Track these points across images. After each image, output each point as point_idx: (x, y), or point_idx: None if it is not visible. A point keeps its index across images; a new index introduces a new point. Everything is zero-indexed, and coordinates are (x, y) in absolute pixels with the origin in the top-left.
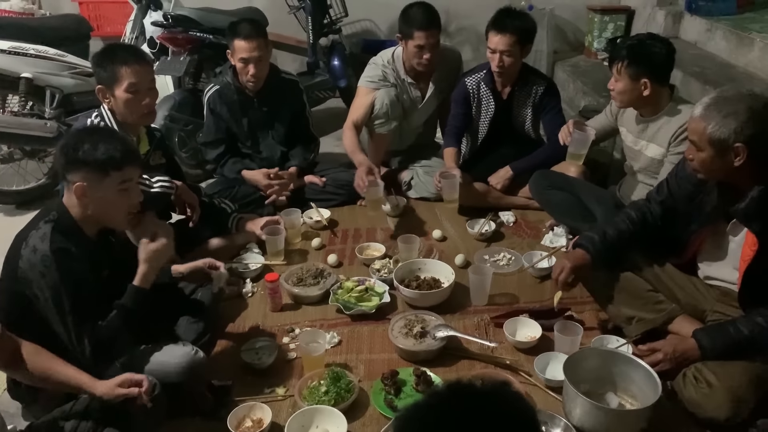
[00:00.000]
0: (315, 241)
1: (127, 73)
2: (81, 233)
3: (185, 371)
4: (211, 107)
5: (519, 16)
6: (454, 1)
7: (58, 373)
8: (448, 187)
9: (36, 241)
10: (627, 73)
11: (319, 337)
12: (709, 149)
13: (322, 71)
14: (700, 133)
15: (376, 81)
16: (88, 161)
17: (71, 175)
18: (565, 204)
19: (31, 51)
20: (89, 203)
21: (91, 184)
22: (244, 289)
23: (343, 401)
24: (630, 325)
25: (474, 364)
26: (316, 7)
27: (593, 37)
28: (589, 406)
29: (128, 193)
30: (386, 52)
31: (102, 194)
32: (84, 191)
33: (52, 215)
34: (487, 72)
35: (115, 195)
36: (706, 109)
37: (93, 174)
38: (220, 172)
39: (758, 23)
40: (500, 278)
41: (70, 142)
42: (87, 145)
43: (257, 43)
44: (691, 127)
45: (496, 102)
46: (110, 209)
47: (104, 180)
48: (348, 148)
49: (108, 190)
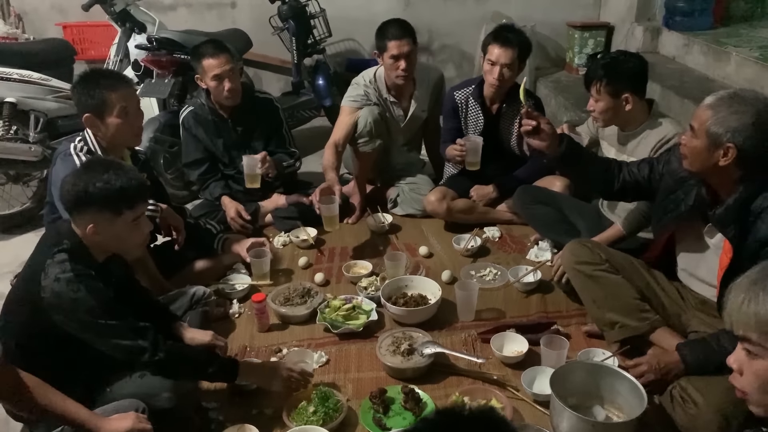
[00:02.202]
0: (302, 260)
1: (117, 97)
2: (92, 259)
3: (173, 397)
4: (186, 127)
5: (519, 32)
6: (436, 20)
7: (61, 408)
8: (472, 150)
9: (56, 270)
10: (607, 91)
11: (306, 356)
12: (703, 139)
13: (307, 91)
14: (702, 120)
15: (359, 100)
16: (102, 203)
17: (81, 215)
18: (549, 218)
19: (14, 75)
20: (101, 239)
21: (103, 224)
22: (231, 310)
23: (331, 421)
24: (612, 330)
25: (462, 380)
26: (299, 28)
27: (574, 53)
28: (576, 420)
29: (140, 226)
30: (368, 71)
31: (115, 232)
32: (95, 231)
33: (66, 244)
34: (476, 87)
35: (127, 231)
36: (719, 100)
37: (105, 214)
38: (203, 194)
39: (734, 38)
40: (487, 293)
41: (78, 184)
42: (100, 184)
43: (225, 57)
44: (697, 112)
45: (485, 117)
46: (123, 243)
47: (116, 219)
48: (324, 165)
49: (120, 227)
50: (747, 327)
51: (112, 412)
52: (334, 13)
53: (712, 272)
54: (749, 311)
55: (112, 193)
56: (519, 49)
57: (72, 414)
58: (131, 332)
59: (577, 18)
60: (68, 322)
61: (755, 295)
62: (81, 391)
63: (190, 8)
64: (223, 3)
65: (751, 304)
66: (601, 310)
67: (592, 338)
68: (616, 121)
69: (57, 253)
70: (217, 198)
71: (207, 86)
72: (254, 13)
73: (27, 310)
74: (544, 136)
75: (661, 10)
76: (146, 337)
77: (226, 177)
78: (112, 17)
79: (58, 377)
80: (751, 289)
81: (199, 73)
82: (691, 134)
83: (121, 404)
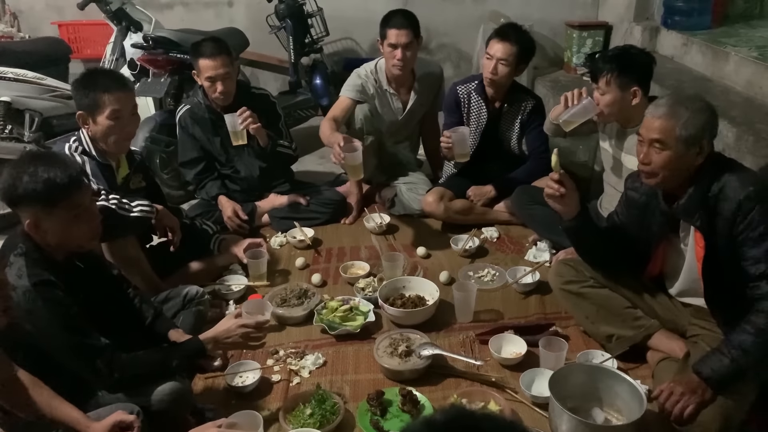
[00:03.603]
0: (299, 260)
1: (110, 100)
2: (52, 260)
3: (170, 399)
4: (183, 126)
5: (523, 32)
6: (434, 19)
7: (54, 407)
8: (458, 141)
9: (14, 279)
10: (616, 84)
11: (264, 308)
12: (677, 146)
13: (304, 90)
14: (669, 130)
15: (354, 91)
16: (31, 197)
17: (18, 210)
18: (547, 219)
19: (9, 74)
20: (46, 234)
21: (41, 218)
22: (227, 311)
23: (328, 423)
24: (610, 343)
25: (460, 382)
26: (297, 27)
27: (572, 52)
28: (575, 422)
29: (82, 219)
30: (371, 63)
31: (55, 226)
32: (36, 225)
33: (20, 248)
34: (479, 83)
35: (68, 224)
36: (672, 107)
37: (38, 208)
38: (199, 194)
39: (732, 37)
40: (485, 294)
41: (7, 180)
42: (26, 177)
43: (221, 60)
44: (656, 125)
45: (488, 113)
46: (68, 238)
47: (53, 213)
48: (324, 134)
49: (60, 221)
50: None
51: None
52: (332, 12)
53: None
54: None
55: (39, 186)
56: (519, 47)
57: (64, 415)
58: (87, 351)
59: (576, 17)
60: (33, 330)
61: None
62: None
63: (186, 7)
64: (220, 2)
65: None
66: (595, 325)
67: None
68: (620, 116)
69: (15, 256)
70: (213, 197)
71: (201, 84)
72: (251, 12)
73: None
74: (567, 201)
75: (660, 10)
76: (103, 357)
77: (223, 176)
78: (107, 16)
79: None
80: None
81: (196, 70)
82: (655, 150)
83: (117, 407)
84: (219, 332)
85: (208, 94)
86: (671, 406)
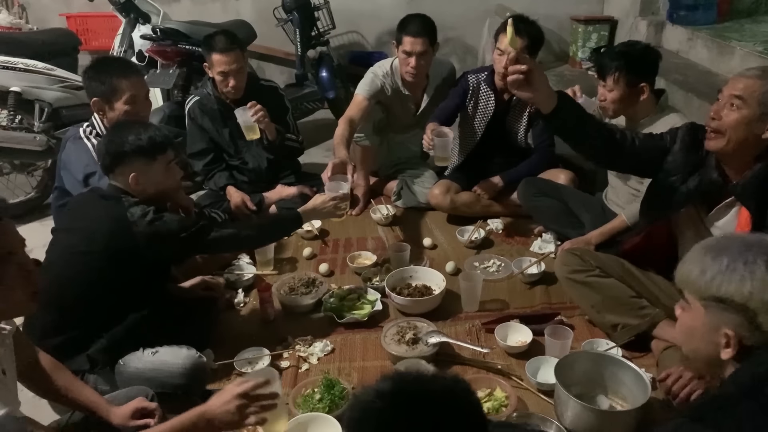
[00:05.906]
0: (306, 250)
1: (127, 85)
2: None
3: (188, 373)
4: (192, 117)
5: (532, 23)
6: (440, 12)
7: (74, 390)
8: (441, 146)
9: (138, 212)
10: (624, 80)
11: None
12: (755, 109)
13: (311, 83)
14: (753, 90)
15: (373, 92)
16: (137, 152)
17: (121, 168)
18: (553, 211)
19: (19, 65)
20: (145, 186)
21: (142, 171)
22: (236, 300)
23: (337, 408)
24: (615, 332)
25: (466, 369)
26: (303, 20)
27: (577, 47)
28: (581, 408)
29: (173, 169)
30: (386, 62)
31: (153, 176)
32: (137, 179)
33: (125, 197)
34: (489, 74)
35: (163, 174)
36: (765, 72)
37: (141, 162)
38: (208, 184)
39: (737, 32)
40: (490, 285)
41: (114, 140)
42: (131, 137)
43: (234, 55)
44: (741, 83)
45: (497, 103)
46: (162, 186)
47: (152, 165)
48: (336, 139)
49: (157, 172)
50: (683, 284)
51: (123, 399)
52: (338, 6)
53: None
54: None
55: (144, 142)
56: (529, 40)
57: (84, 398)
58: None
59: (581, 12)
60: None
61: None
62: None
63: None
64: None
65: (692, 267)
66: (600, 315)
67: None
68: (627, 111)
69: (130, 203)
70: (222, 188)
71: (213, 76)
72: (258, 5)
73: (86, 260)
74: (536, 84)
75: (665, 4)
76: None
77: (231, 168)
78: (116, 7)
79: (88, 332)
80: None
81: (207, 63)
82: (732, 107)
83: (131, 391)
84: (316, 203)
85: (218, 87)
86: (679, 389)
